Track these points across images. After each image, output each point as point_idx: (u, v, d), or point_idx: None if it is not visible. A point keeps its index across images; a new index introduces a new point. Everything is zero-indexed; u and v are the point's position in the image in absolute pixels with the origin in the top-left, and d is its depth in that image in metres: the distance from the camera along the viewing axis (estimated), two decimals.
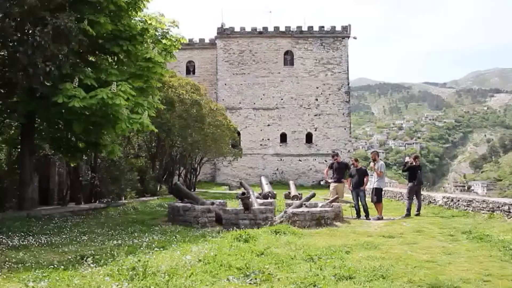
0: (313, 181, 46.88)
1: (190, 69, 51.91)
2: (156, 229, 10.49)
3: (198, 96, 25.99)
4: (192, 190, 28.28)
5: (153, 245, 7.89)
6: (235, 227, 10.40)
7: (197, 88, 27.27)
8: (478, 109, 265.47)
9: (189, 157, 29.48)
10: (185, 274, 5.91)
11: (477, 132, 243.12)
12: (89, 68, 10.94)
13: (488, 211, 13.18)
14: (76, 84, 10.10)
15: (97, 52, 12.57)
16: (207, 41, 51.91)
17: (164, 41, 13.30)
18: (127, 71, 12.08)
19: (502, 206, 12.59)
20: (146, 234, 9.69)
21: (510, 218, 11.87)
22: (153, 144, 25.32)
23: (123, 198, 18.30)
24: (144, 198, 20.37)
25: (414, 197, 14.75)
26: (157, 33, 13.30)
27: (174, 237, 9.26)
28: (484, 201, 13.97)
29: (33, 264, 6.46)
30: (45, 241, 8.49)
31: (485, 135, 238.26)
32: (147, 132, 17.35)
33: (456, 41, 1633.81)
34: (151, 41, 12.59)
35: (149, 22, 12.82)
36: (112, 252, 7.14)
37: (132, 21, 12.07)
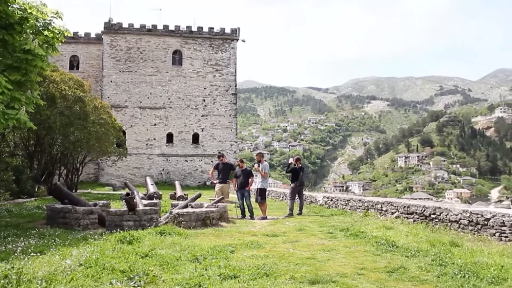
0: (199, 182, 46.94)
1: (74, 64, 49.58)
2: (33, 233, 9.83)
3: (81, 93, 24.91)
4: (74, 190, 27.07)
5: (29, 250, 7.38)
6: (118, 229, 10.09)
7: (81, 84, 26.17)
8: (357, 114, 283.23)
9: (71, 156, 28.17)
10: (65, 279, 5.63)
11: (355, 136, 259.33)
12: None
13: (364, 209, 14.08)
14: None
15: None
16: (93, 35, 49.92)
17: (46, 32, 12.51)
18: (3, 62, 11.21)
19: (375, 204, 13.53)
20: (22, 238, 9.05)
21: (382, 215, 12.78)
22: (32, 142, 23.88)
23: None
24: (20, 200, 19.08)
25: (297, 197, 15.33)
26: (38, 24, 12.48)
27: (53, 240, 8.74)
28: (360, 200, 14.92)
29: None
30: None
31: (362, 139, 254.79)
32: (25, 129, 16.29)
33: (338, 50, 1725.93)
34: (31, 31, 11.80)
35: (29, 11, 11.99)
36: None
37: (10, 8, 11.23)
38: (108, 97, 46.15)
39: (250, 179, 14.64)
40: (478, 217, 9.09)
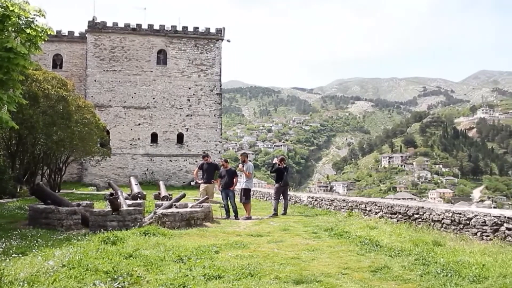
0: (184, 182, 46.78)
1: (57, 62, 49.03)
2: (14, 234, 9.70)
3: (65, 92, 24.68)
4: (57, 191, 26.82)
5: (11, 251, 7.28)
6: (102, 229, 10.02)
7: (64, 83, 25.92)
8: (341, 115, 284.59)
9: (54, 156, 27.89)
10: (47, 281, 5.57)
11: (339, 136, 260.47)
12: None
13: (348, 209, 14.15)
14: None
15: None
16: (76, 34, 49.39)
17: (28, 30, 12.34)
18: None
19: (359, 204, 13.61)
20: (3, 239, 8.91)
21: (366, 215, 12.86)
22: (14, 142, 23.58)
23: None
24: (1, 200, 18.85)
25: (281, 197, 15.36)
26: (20, 22, 12.31)
27: (35, 241, 8.63)
28: (344, 200, 15.00)
29: None
30: None
31: (346, 139, 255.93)
32: (7, 128, 16.07)
33: (323, 50, 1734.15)
34: (13, 29, 11.65)
35: (11, 8, 11.82)
36: None
37: None
38: (92, 96, 45.76)
39: (234, 179, 14.66)
40: (460, 217, 9.19)
